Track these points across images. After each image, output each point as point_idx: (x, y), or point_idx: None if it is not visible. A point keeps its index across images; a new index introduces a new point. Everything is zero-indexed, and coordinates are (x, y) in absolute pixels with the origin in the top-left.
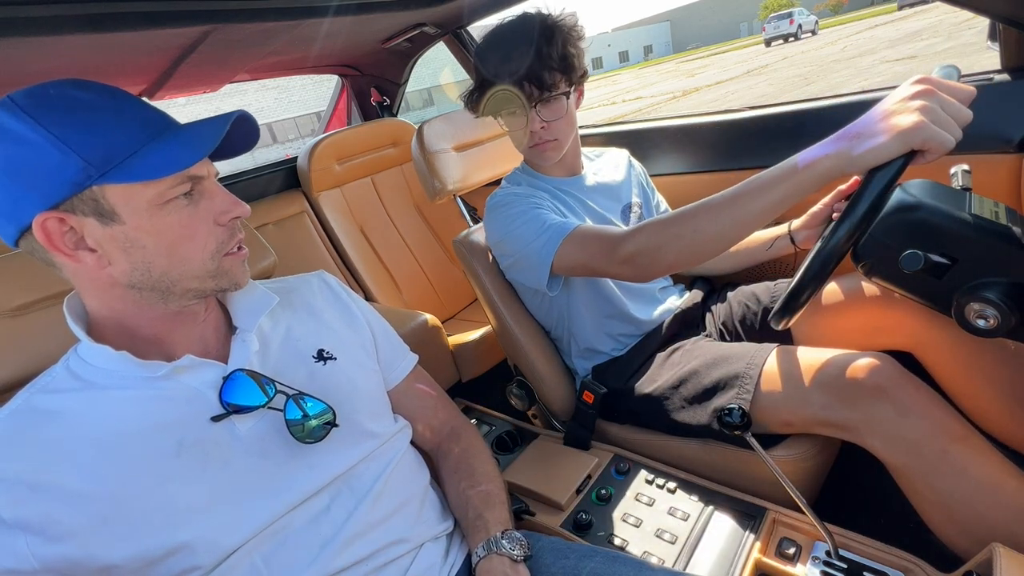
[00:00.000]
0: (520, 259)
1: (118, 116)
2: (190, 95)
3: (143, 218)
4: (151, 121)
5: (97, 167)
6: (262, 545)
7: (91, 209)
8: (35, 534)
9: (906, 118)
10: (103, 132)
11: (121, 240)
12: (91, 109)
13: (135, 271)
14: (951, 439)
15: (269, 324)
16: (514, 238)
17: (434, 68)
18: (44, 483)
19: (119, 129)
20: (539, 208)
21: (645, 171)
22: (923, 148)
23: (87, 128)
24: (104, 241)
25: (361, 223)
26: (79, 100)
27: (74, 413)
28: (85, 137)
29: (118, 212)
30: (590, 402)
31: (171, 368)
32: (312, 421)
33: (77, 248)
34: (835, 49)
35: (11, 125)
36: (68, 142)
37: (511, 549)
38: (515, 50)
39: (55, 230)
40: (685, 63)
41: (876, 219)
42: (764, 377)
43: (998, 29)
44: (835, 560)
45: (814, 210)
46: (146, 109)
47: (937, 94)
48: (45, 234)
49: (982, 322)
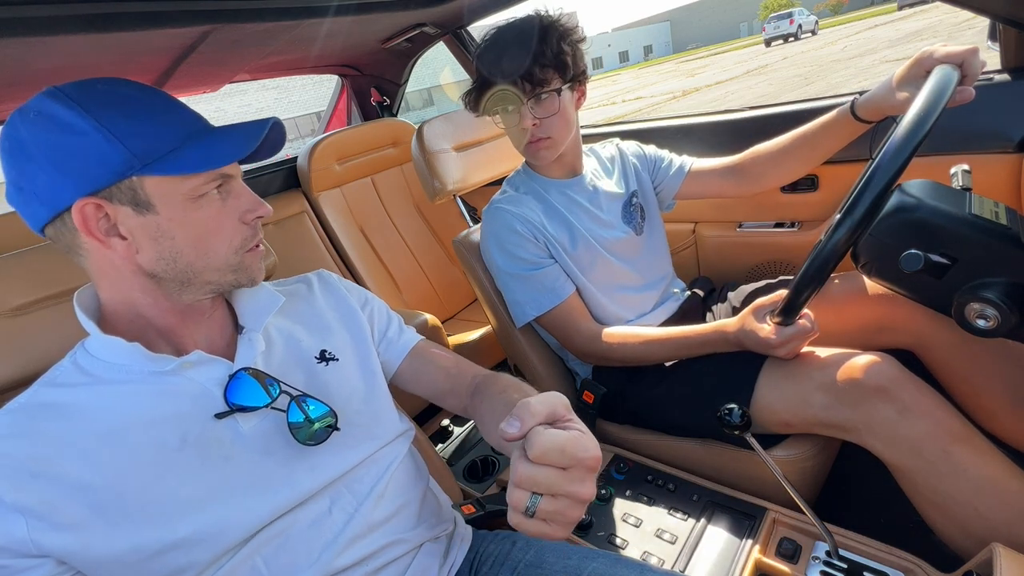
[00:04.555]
0: (504, 293)
1: (163, 113)
2: (190, 95)
3: (176, 210)
4: (191, 121)
5: (140, 158)
6: (263, 546)
7: (128, 198)
8: (36, 519)
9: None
10: (148, 126)
11: (152, 230)
12: (137, 104)
13: (161, 259)
14: (952, 439)
15: (273, 324)
16: (502, 282)
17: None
18: (46, 472)
19: (163, 125)
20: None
21: (638, 145)
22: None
23: (134, 121)
24: (136, 229)
25: (361, 223)
26: (126, 95)
27: (78, 406)
28: (132, 128)
29: (154, 203)
30: (590, 402)
31: (179, 363)
32: (314, 425)
33: (109, 235)
34: (835, 49)
35: (60, 113)
36: (115, 132)
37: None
38: (511, 49)
39: (92, 215)
40: (685, 63)
41: (876, 219)
42: (764, 377)
43: (998, 29)
44: (835, 560)
45: (918, 57)
46: (186, 110)
47: None
48: (83, 218)
49: (982, 322)
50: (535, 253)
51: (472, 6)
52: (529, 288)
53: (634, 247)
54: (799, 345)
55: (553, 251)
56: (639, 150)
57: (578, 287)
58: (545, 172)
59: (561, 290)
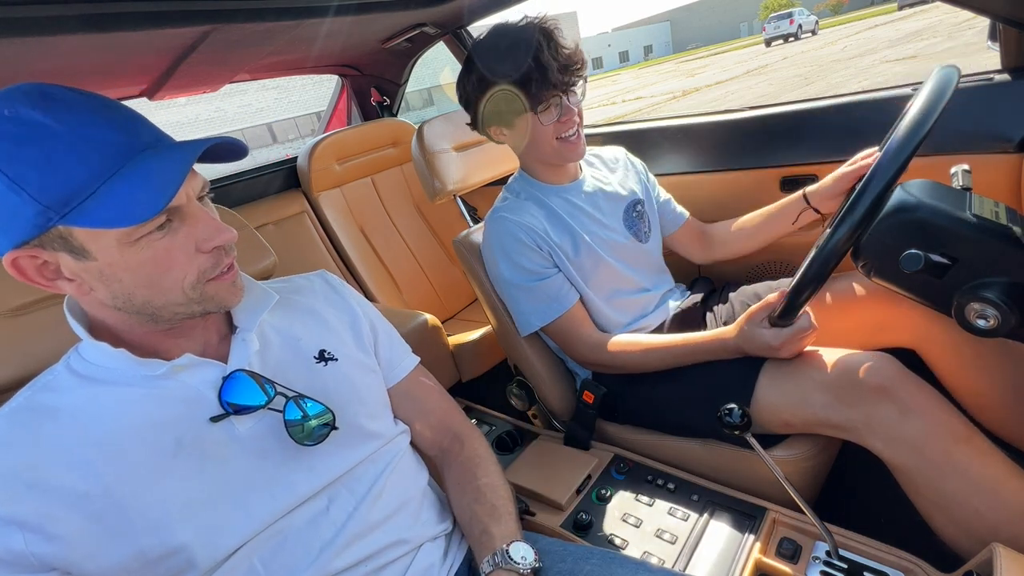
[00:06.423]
0: (508, 303)
1: (76, 145)
2: (190, 95)
3: (114, 255)
4: (113, 148)
5: (56, 210)
6: (261, 547)
7: (61, 246)
8: (32, 531)
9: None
10: (59, 168)
11: (96, 273)
12: (45, 139)
13: (117, 299)
14: (953, 439)
15: (270, 323)
16: (507, 292)
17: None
18: (41, 481)
19: (76, 163)
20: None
21: (645, 165)
22: None
23: (41, 165)
24: (80, 272)
25: (361, 223)
26: (33, 126)
27: (73, 411)
28: (39, 176)
29: (88, 249)
30: (590, 402)
31: (170, 367)
32: (311, 422)
33: (56, 278)
34: (835, 49)
35: None
36: (22, 183)
37: (518, 562)
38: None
39: (28, 266)
40: (685, 63)
41: (876, 219)
42: (764, 377)
43: (998, 29)
44: (835, 560)
45: (839, 173)
46: (108, 130)
47: None
48: (18, 271)
49: (982, 322)
50: (539, 263)
51: (472, 6)
52: (534, 298)
53: (636, 253)
54: (800, 345)
55: (556, 259)
56: (644, 170)
57: (580, 294)
58: (545, 177)
59: (565, 299)
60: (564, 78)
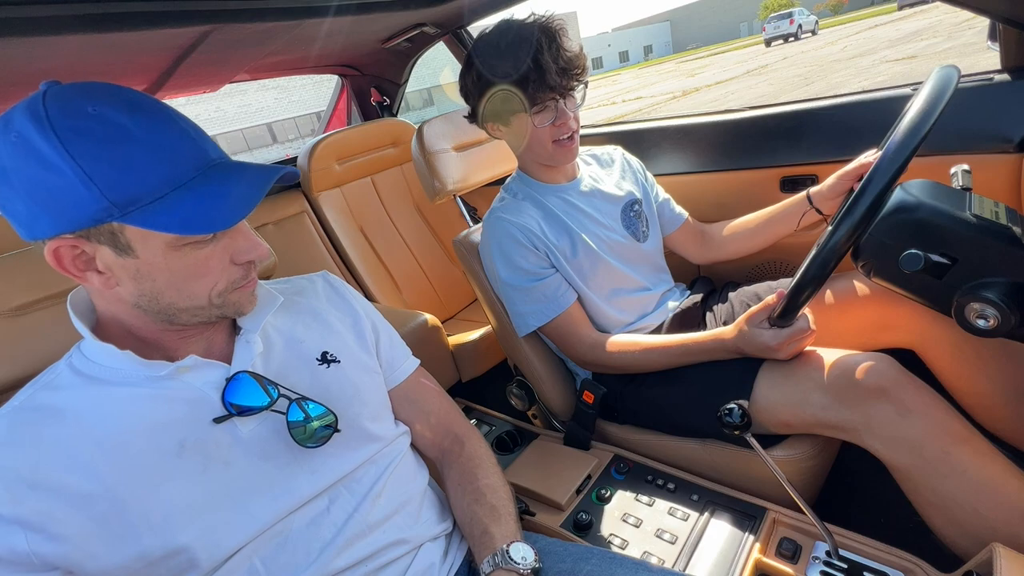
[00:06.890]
0: (505, 303)
1: (153, 153)
2: (190, 95)
3: (157, 256)
4: (186, 158)
5: (120, 208)
6: (261, 548)
7: (107, 240)
8: (35, 531)
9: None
10: (133, 170)
11: (132, 270)
12: (125, 141)
13: (142, 296)
14: (952, 440)
15: (273, 325)
16: (504, 293)
17: (434, 68)
18: (44, 482)
19: (150, 169)
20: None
21: (643, 165)
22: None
23: (117, 165)
24: (115, 267)
25: (361, 223)
26: (115, 127)
27: (76, 410)
28: (113, 175)
29: (134, 247)
30: (590, 402)
31: (174, 368)
32: (314, 423)
33: (87, 270)
34: (835, 49)
35: (38, 144)
36: (95, 178)
37: (518, 563)
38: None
39: (66, 255)
40: (685, 63)
41: (876, 219)
42: (764, 377)
43: (998, 29)
44: (835, 560)
45: (840, 173)
46: (183, 140)
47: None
48: (56, 258)
49: (982, 322)
50: (536, 263)
51: (472, 6)
52: (531, 299)
53: (635, 252)
54: (799, 346)
55: (554, 259)
56: (642, 169)
57: (578, 294)
58: (542, 177)
59: (563, 300)
60: (562, 81)
